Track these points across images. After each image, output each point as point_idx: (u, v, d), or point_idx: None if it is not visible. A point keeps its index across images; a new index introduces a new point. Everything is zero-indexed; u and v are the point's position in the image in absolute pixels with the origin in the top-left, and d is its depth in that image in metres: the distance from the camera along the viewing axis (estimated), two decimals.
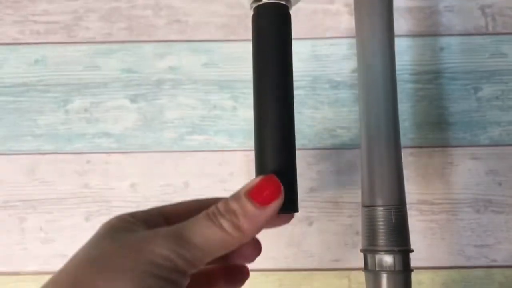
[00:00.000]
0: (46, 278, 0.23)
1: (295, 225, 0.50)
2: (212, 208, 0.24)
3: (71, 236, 0.51)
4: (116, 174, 0.52)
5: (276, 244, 0.50)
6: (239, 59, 0.53)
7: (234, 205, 0.24)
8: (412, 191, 0.50)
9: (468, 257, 0.50)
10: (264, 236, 0.28)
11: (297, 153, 0.52)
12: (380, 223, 0.35)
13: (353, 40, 0.52)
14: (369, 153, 0.38)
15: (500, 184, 0.51)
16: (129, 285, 0.21)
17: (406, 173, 0.50)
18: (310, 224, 0.50)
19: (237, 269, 0.30)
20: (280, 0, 0.28)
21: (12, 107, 0.53)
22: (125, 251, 0.22)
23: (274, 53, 0.27)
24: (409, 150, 0.51)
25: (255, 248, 0.29)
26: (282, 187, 0.25)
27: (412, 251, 0.37)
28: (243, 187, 0.25)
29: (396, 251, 0.35)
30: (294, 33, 0.29)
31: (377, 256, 0.35)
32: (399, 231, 0.36)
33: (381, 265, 0.35)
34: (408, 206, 0.50)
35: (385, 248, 0.35)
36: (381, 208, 0.36)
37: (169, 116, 0.52)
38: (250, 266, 0.30)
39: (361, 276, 0.50)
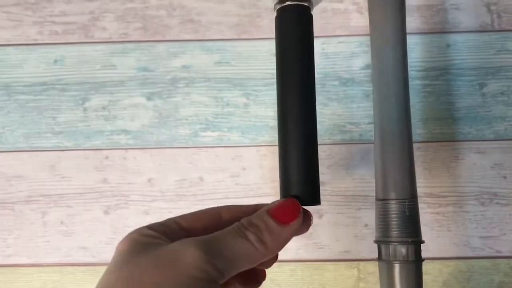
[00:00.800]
0: (67, 269, 0.24)
1: None
2: (237, 223, 0.25)
3: (91, 229, 0.53)
4: (133, 170, 0.54)
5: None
6: (251, 57, 0.55)
7: (256, 221, 0.25)
8: (419, 185, 0.52)
9: (474, 248, 0.51)
10: None
11: None
12: (394, 215, 0.37)
13: (362, 38, 0.54)
14: (382, 149, 0.39)
15: (505, 177, 0.52)
16: None
17: None
18: (321, 216, 0.52)
19: (255, 271, 0.30)
20: (303, 2, 0.29)
21: (32, 105, 0.55)
22: (161, 265, 0.22)
23: (298, 53, 0.28)
24: (416, 145, 0.53)
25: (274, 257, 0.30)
26: (301, 208, 0.26)
27: (423, 242, 0.39)
28: (265, 207, 0.26)
29: (410, 242, 0.37)
30: None
31: (391, 247, 0.37)
32: (412, 223, 0.37)
33: (395, 255, 0.37)
34: None
35: (399, 239, 0.37)
36: (394, 202, 0.38)
37: (183, 113, 0.54)
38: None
39: (370, 266, 0.51)
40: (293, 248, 0.52)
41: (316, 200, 0.28)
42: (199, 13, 0.56)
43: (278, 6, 0.29)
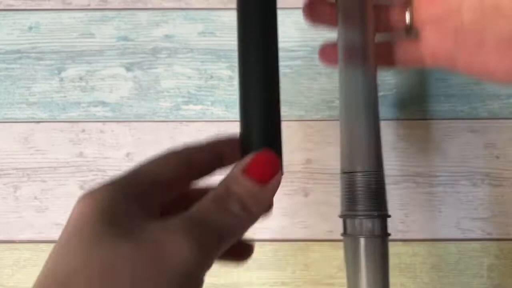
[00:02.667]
0: (41, 246, 0.21)
1: (290, 195, 0.50)
2: (214, 194, 0.22)
3: (66, 205, 0.51)
4: (111, 143, 0.51)
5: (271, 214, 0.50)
6: None
7: (235, 188, 0.22)
8: (409, 164, 0.50)
9: (464, 230, 0.50)
10: None
11: (294, 124, 0.51)
12: (360, 188, 0.36)
13: None
14: (348, 120, 0.38)
15: (497, 157, 0.50)
16: None
17: (403, 145, 0.50)
18: (306, 195, 0.50)
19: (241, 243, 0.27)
20: None
21: (5, 74, 0.52)
22: (144, 256, 0.18)
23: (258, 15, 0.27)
24: (407, 122, 0.51)
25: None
26: (279, 160, 0.23)
27: (390, 216, 0.37)
28: (237, 166, 0.23)
29: (376, 215, 0.35)
30: (295, 2, 0.28)
31: (357, 221, 0.36)
32: (379, 196, 0.36)
33: (361, 229, 0.36)
34: (405, 179, 0.50)
35: (365, 213, 0.35)
36: (360, 174, 0.36)
37: (164, 85, 0.52)
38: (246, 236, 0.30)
39: None
40: (277, 227, 0.50)
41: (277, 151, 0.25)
42: None
43: None
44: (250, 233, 0.28)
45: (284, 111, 0.51)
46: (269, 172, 0.23)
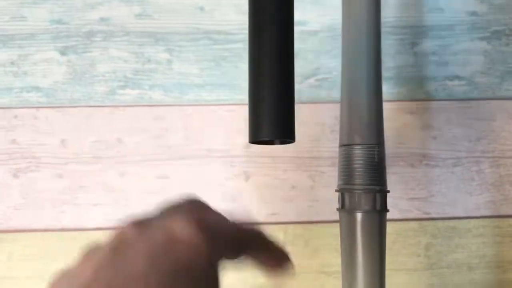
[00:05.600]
0: None
1: (231, 179, 0.50)
2: None
3: None
4: (45, 130, 0.49)
5: (212, 199, 0.49)
6: (175, 10, 0.51)
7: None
8: None
9: (402, 210, 0.50)
10: (200, 192, 0.26)
11: (236, 108, 0.51)
12: (360, 161, 0.34)
13: None
14: (349, 94, 0.36)
15: (434, 138, 0.51)
16: None
17: None
18: (247, 179, 0.50)
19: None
20: None
21: None
22: None
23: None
24: None
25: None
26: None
27: (389, 191, 0.36)
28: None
29: (377, 190, 0.34)
30: None
31: (357, 195, 0.34)
32: (379, 170, 0.35)
33: (360, 204, 0.34)
34: None
35: (365, 187, 0.34)
36: (359, 147, 0.34)
37: (100, 69, 0.50)
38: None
39: (297, 229, 0.50)
40: (219, 211, 0.50)
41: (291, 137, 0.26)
42: None
43: None
44: None
45: (225, 94, 0.51)
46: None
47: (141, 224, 0.19)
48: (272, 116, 0.26)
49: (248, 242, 0.23)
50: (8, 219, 0.49)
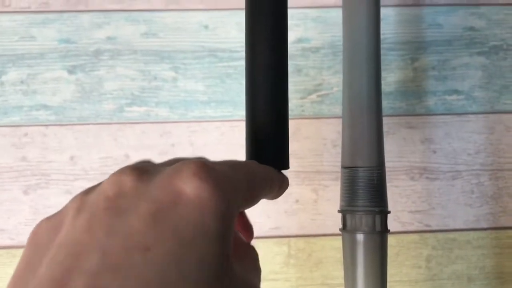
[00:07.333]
0: None
1: None
2: None
3: (9, 210, 0.50)
4: (54, 147, 0.51)
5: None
6: (180, 29, 0.52)
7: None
8: None
9: (403, 222, 0.51)
10: None
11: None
12: (361, 184, 0.35)
13: (294, 11, 0.53)
14: (351, 116, 0.38)
15: (434, 152, 0.52)
16: None
17: None
18: None
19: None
20: None
21: None
22: None
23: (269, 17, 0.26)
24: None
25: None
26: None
27: (389, 212, 0.37)
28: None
29: (377, 211, 0.35)
30: (237, 3, 0.29)
31: (357, 216, 0.35)
32: (379, 192, 0.36)
33: (360, 225, 0.35)
34: None
35: (365, 209, 0.35)
36: (361, 169, 0.36)
37: (108, 87, 0.51)
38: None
39: (300, 243, 0.51)
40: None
41: (285, 167, 0.26)
42: None
43: None
44: None
45: (229, 111, 0.52)
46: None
47: (143, 175, 0.17)
48: (268, 151, 0.26)
49: (262, 189, 0.21)
50: (19, 234, 0.50)
